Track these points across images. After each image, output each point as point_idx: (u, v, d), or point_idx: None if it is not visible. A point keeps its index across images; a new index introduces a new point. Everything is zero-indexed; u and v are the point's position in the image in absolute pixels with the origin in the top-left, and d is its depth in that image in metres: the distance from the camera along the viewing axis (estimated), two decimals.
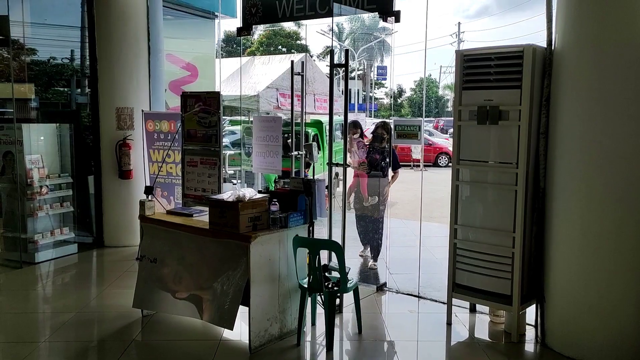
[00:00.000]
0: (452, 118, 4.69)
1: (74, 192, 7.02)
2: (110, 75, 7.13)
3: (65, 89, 12.99)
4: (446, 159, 18.91)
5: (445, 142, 20.24)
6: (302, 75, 5.84)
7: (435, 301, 5.30)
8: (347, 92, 5.39)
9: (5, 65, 10.03)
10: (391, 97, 40.41)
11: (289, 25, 32.62)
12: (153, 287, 4.75)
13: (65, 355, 4.24)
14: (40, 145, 6.68)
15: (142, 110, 7.17)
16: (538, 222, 4.36)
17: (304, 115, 6.28)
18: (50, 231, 6.70)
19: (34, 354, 4.18)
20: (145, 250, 4.88)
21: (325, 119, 11.60)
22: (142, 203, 4.87)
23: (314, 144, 6.49)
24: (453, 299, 4.73)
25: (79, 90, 12.54)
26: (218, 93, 6.35)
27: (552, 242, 4.25)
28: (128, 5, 7.13)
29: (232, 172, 9.97)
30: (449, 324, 4.74)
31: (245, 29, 6.00)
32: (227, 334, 4.49)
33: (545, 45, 4.25)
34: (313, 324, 4.68)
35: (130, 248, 7.07)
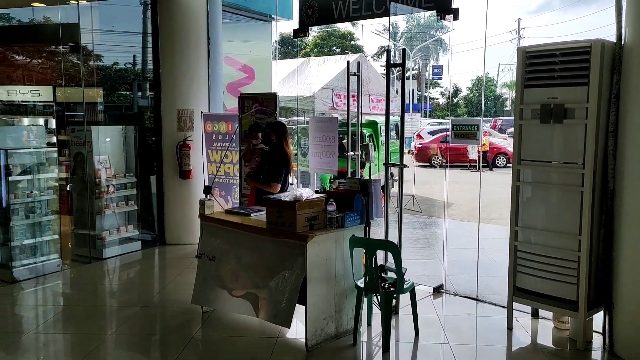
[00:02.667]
0: (511, 117, 4.56)
1: (138, 191, 7.31)
2: (171, 79, 7.38)
3: (128, 93, 13.57)
4: (504, 159, 18.39)
5: (504, 142, 19.67)
6: (359, 76, 5.83)
7: (495, 305, 5.16)
8: (404, 92, 5.34)
9: (75, 70, 10.58)
10: (447, 96, 39.68)
11: (343, 26, 32.66)
12: (211, 285, 4.87)
13: (131, 347, 4.42)
14: (107, 146, 7.00)
15: (202, 112, 7.38)
16: (606, 225, 4.16)
17: (359, 116, 6.26)
18: (116, 228, 7.01)
19: (103, 345, 4.39)
20: (204, 248, 5.02)
21: (380, 119, 11.54)
22: (202, 202, 5.01)
23: (371, 144, 6.46)
24: (514, 303, 4.59)
25: (140, 93, 13.08)
26: (275, 94, 6.45)
27: (621, 245, 4.05)
28: (189, 11, 7.35)
29: None
30: (509, 328, 4.61)
31: (301, 30, 6.05)
32: (283, 332, 4.55)
33: (615, 40, 4.05)
34: (369, 324, 4.67)
35: (190, 246, 7.28)
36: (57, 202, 6.51)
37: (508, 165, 17.81)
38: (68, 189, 7.38)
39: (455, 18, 4.76)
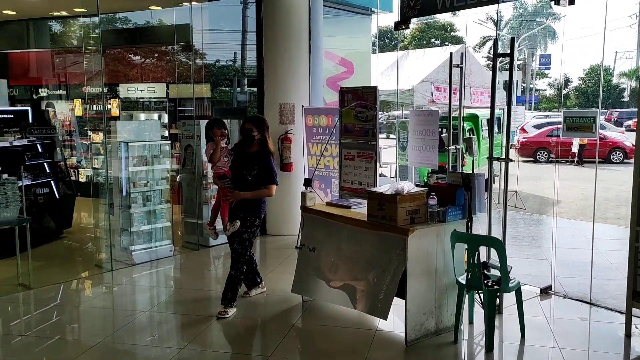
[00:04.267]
0: (630, 109, 4.19)
1: None
2: (274, 74, 7.61)
3: (228, 89, 14.19)
4: (621, 154, 16.97)
5: (621, 135, 18.15)
6: (461, 67, 5.66)
7: (611, 310, 4.80)
8: (511, 84, 5.10)
9: (184, 68, 11.24)
10: (557, 87, 37.33)
11: (443, 17, 31.82)
12: (311, 275, 4.98)
13: (235, 332, 4.63)
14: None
15: (303, 106, 7.53)
16: None
17: (462, 109, 6.07)
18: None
19: (210, 328, 4.64)
20: (305, 239, 5.13)
21: (481, 112, 11.12)
22: (303, 194, 5.13)
23: (474, 137, 6.24)
24: (633, 309, 4.24)
25: (239, 89, 13.64)
26: (375, 88, 6.42)
27: None
28: (292, 8, 7.53)
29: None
30: (627, 335, 4.27)
31: (403, 23, 5.97)
32: (382, 325, 4.55)
33: None
34: (470, 322, 4.54)
35: (289, 237, 7.48)
36: (169, 191, 6.98)
37: (626, 161, 16.43)
38: (178, 179, 7.87)
39: (572, 2, 4.45)
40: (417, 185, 4.57)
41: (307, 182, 5.49)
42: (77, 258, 7.08)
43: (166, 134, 9.75)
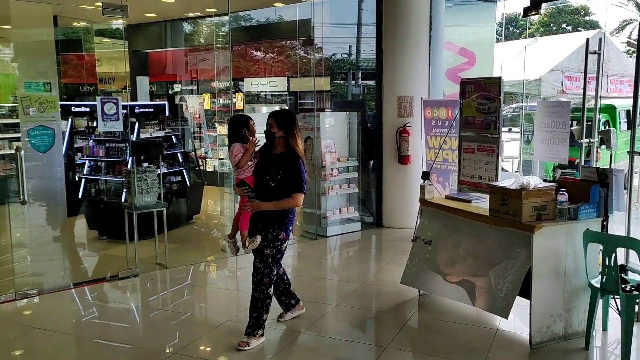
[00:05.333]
0: None
1: (359, 175, 7.70)
2: (392, 66, 7.56)
3: (342, 82, 14.34)
4: None
5: None
6: (599, 54, 5.22)
7: None
8: None
9: (303, 62, 11.56)
10: None
11: (576, 1, 29.45)
12: (424, 268, 4.90)
13: (351, 320, 4.70)
14: (332, 131, 7.50)
15: (422, 98, 7.41)
16: None
17: (598, 100, 5.61)
18: (338, 209, 7.51)
19: (329, 315, 4.77)
20: (421, 231, 5.07)
21: (619, 103, 10.17)
22: (422, 187, 5.06)
23: (613, 129, 5.73)
24: None
25: (353, 82, 13.73)
26: (499, 78, 6.14)
27: None
28: None
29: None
30: None
31: (533, 8, 5.64)
32: (502, 325, 4.37)
33: None
34: (604, 329, 4.20)
35: (405, 230, 7.42)
36: None
37: None
38: None
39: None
40: (544, 180, 4.32)
41: (425, 176, 5.40)
42: (205, 242, 7.60)
43: None
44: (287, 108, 5.61)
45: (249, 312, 4.12)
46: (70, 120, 8.20)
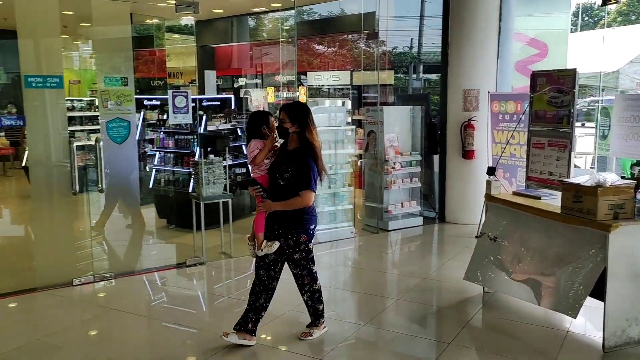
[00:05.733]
0: None
1: (422, 170, 7.61)
2: (458, 59, 7.40)
3: (403, 75, 14.15)
4: None
5: None
6: None
7: None
8: None
9: (366, 56, 11.50)
10: None
11: None
12: (488, 265, 4.79)
13: (412, 315, 4.67)
14: (396, 125, 7.44)
15: (488, 92, 7.21)
16: None
17: None
18: (400, 203, 7.45)
19: (389, 308, 4.76)
20: (486, 227, 4.95)
21: None
22: (489, 183, 4.94)
23: None
24: None
25: (414, 75, 13.52)
26: (574, 70, 5.89)
27: None
28: None
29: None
30: None
31: None
32: (573, 326, 4.21)
33: None
34: None
35: (468, 226, 7.27)
36: (351, 175, 7.26)
37: None
38: (358, 164, 8.13)
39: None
40: (622, 178, 4.10)
41: (491, 171, 5.26)
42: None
43: (349, 119, 10.12)
44: (299, 100, 5.31)
45: (308, 311, 4.12)
46: (142, 113, 8.57)
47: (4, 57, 15.14)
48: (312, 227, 3.88)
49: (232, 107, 8.55)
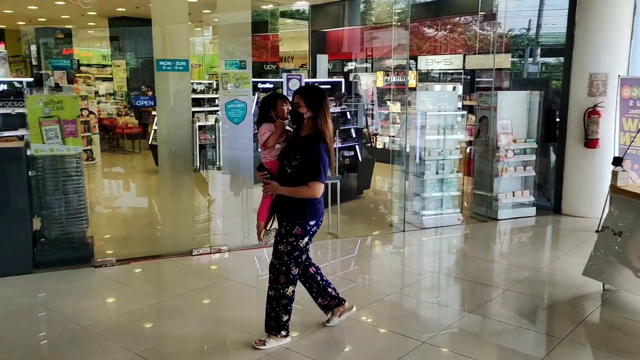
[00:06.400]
0: None
1: (537, 158, 7.23)
2: (585, 40, 6.89)
3: (518, 59, 13.34)
4: None
5: None
6: None
7: None
8: None
9: (480, 39, 11.05)
10: None
11: None
12: (610, 260, 4.49)
13: (522, 307, 4.49)
14: (510, 111, 7.12)
15: (619, 76, 6.66)
16: None
17: None
18: (512, 192, 7.16)
19: (496, 299, 4.63)
20: (610, 221, 4.62)
21: None
22: (614, 173, 4.61)
23: None
24: None
25: (530, 59, 12.69)
26: None
27: None
28: None
29: None
30: None
31: None
32: None
33: None
34: None
35: (588, 219, 6.83)
36: (460, 162, 7.09)
37: None
38: (467, 150, 7.89)
39: None
40: None
41: (617, 161, 4.89)
42: (372, 217, 7.81)
43: (460, 105, 9.84)
44: (316, 84, 5.00)
45: (266, 310, 3.70)
46: (256, 95, 8.95)
47: (135, 44, 16.50)
48: (311, 222, 3.51)
49: (342, 90, 8.66)
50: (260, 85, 9.77)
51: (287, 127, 3.72)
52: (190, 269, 5.40)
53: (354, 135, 8.53)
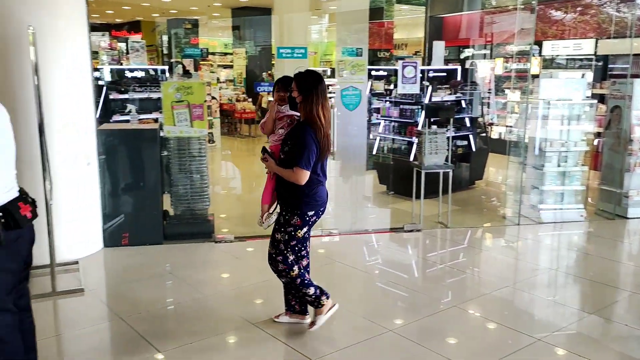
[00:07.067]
0: None
1: None
2: None
3: None
4: None
5: None
6: None
7: None
8: None
9: (615, 21, 10.13)
10: None
11: None
12: None
13: None
14: None
15: None
16: None
17: None
18: None
19: (622, 302, 4.32)
20: None
21: None
22: None
23: None
24: None
25: None
26: None
27: None
28: None
29: None
30: None
31: None
32: None
33: None
34: None
35: None
36: (586, 154, 6.62)
37: None
38: (594, 142, 7.34)
39: None
40: None
41: None
42: (484, 209, 7.57)
43: (589, 93, 9.15)
44: (314, 69, 4.87)
45: (294, 297, 3.74)
46: (370, 82, 8.99)
47: (254, 32, 17.25)
48: (309, 213, 3.45)
49: (458, 78, 8.44)
50: (373, 73, 9.79)
51: (293, 113, 3.62)
52: None
53: (468, 125, 8.29)
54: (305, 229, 3.52)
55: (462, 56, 12.92)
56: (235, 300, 4.31)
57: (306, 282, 3.57)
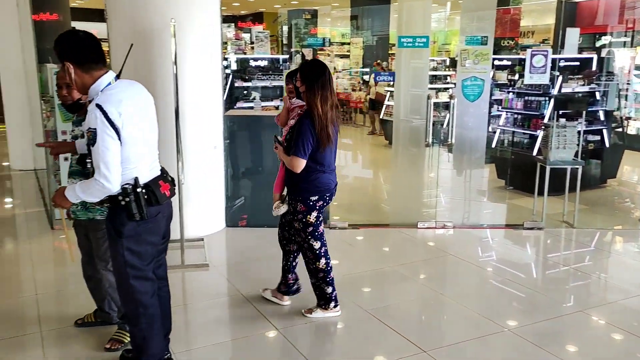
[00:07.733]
0: None
1: None
2: None
3: None
4: None
5: None
6: None
7: None
8: None
9: None
10: None
11: None
12: None
13: None
14: None
15: None
16: None
17: None
18: None
19: None
20: None
21: None
22: None
23: None
24: None
25: None
26: None
27: None
28: None
29: None
30: None
31: None
32: None
33: None
34: None
35: None
36: None
37: None
38: None
39: None
40: None
41: None
42: (616, 210, 6.98)
43: None
44: (317, 58, 4.81)
45: (312, 284, 3.78)
46: (492, 72, 8.59)
47: (371, 22, 17.20)
48: (312, 198, 3.53)
49: (593, 68, 7.80)
50: (496, 63, 9.34)
51: (303, 104, 3.63)
52: (414, 240, 5.57)
53: (602, 118, 7.64)
54: (314, 214, 3.59)
55: (597, 44, 11.87)
56: (350, 286, 4.35)
57: (328, 280, 3.71)
